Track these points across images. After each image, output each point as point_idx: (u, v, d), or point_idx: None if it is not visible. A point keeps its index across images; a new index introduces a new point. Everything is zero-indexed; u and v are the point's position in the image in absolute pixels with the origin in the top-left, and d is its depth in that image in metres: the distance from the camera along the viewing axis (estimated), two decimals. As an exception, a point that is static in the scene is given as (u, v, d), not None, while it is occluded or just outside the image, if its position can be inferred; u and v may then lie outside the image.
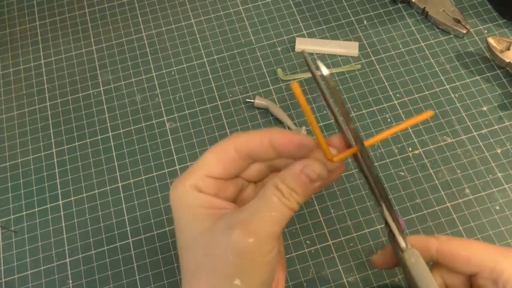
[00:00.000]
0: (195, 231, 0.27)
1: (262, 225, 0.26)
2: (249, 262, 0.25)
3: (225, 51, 0.47)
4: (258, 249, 0.26)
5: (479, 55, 0.45)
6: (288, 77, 0.45)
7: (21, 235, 0.40)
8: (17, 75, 0.47)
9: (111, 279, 0.38)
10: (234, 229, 0.25)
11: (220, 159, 0.27)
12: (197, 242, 0.26)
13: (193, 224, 0.27)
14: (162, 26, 0.49)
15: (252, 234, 0.25)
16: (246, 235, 0.25)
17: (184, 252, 0.27)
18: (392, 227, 0.27)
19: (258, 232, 0.25)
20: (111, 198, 0.41)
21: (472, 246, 0.27)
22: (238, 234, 0.25)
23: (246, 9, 0.50)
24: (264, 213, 0.26)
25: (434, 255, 0.27)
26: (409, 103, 0.43)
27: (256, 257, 0.26)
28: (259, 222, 0.26)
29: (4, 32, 0.50)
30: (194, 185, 0.27)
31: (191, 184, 0.27)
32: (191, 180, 0.27)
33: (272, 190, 0.26)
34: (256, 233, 0.25)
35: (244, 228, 0.25)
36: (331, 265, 0.37)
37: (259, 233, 0.25)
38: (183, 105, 0.45)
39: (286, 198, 0.26)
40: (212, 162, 0.27)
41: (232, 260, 0.25)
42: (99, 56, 0.48)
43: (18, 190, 0.42)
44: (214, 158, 0.27)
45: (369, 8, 0.49)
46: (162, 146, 0.43)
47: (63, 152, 0.43)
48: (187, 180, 0.27)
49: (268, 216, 0.26)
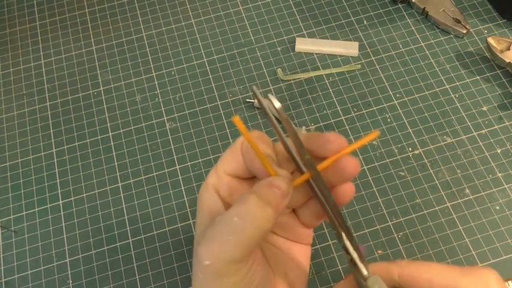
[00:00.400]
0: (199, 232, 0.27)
1: (221, 249, 0.25)
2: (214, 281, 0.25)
3: (225, 51, 0.47)
4: (218, 271, 0.25)
5: (479, 55, 0.45)
6: (288, 77, 0.45)
7: (21, 235, 0.40)
8: (17, 75, 0.47)
9: (111, 279, 0.38)
10: (198, 247, 0.25)
11: (234, 154, 0.28)
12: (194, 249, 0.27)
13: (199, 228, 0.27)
14: (162, 26, 0.49)
15: (210, 256, 0.25)
16: (205, 256, 0.25)
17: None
18: (353, 256, 0.27)
19: (216, 255, 0.25)
20: (111, 198, 0.41)
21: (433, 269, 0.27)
22: (199, 254, 0.25)
23: (246, 9, 0.50)
24: (223, 237, 0.25)
25: (397, 280, 0.27)
26: (409, 103, 0.43)
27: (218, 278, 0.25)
28: (217, 246, 0.25)
29: (4, 32, 0.50)
30: (214, 184, 0.28)
31: (212, 182, 0.28)
32: (213, 178, 0.28)
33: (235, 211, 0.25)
34: (214, 255, 0.25)
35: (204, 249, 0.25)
36: (331, 265, 0.37)
37: (217, 256, 0.25)
38: (183, 105, 0.45)
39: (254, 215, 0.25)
40: (228, 159, 0.28)
41: (201, 278, 0.25)
42: (99, 56, 0.48)
43: (18, 190, 0.42)
44: (230, 157, 0.28)
45: (368, 8, 0.49)
46: (162, 146, 0.43)
47: (63, 152, 0.43)
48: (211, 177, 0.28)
49: (227, 240, 0.25)
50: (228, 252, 0.24)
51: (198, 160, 0.42)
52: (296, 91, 0.45)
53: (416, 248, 0.37)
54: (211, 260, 0.24)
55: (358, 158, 0.41)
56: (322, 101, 0.44)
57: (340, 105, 0.44)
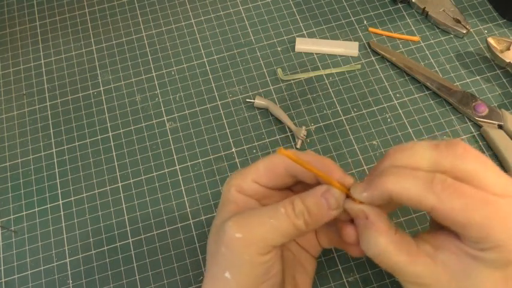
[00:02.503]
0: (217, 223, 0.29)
1: (257, 226, 0.26)
2: (237, 257, 0.26)
3: (225, 51, 0.47)
4: (246, 247, 0.26)
5: (479, 55, 0.45)
6: (288, 77, 0.45)
7: (21, 235, 0.40)
8: (17, 75, 0.47)
9: (111, 279, 0.38)
10: (229, 221, 0.26)
11: (269, 171, 0.29)
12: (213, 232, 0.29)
13: (223, 215, 0.29)
14: (162, 26, 0.49)
15: (241, 230, 0.26)
16: (236, 229, 0.26)
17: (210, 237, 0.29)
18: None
19: (249, 231, 0.26)
20: (111, 198, 0.41)
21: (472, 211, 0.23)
22: (229, 226, 0.26)
23: (246, 9, 0.50)
24: (263, 217, 0.26)
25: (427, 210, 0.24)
26: (409, 103, 0.43)
27: (243, 255, 0.26)
28: (254, 222, 0.26)
29: (4, 32, 0.50)
30: (239, 185, 0.30)
31: (237, 184, 0.30)
32: (238, 181, 0.30)
33: (284, 203, 0.27)
34: (247, 230, 0.26)
35: (236, 222, 0.26)
36: (331, 265, 0.37)
37: (250, 232, 0.26)
38: (183, 105, 0.45)
39: (295, 214, 0.26)
40: (262, 171, 0.30)
41: (223, 252, 0.26)
42: (99, 56, 0.48)
43: (18, 190, 0.42)
44: (264, 169, 0.30)
45: (369, 8, 0.49)
46: (162, 146, 0.43)
47: (63, 152, 0.43)
48: (235, 179, 0.30)
49: (267, 221, 0.26)
50: (264, 233, 0.26)
51: (198, 160, 0.42)
52: (296, 91, 0.45)
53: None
54: (243, 234, 0.26)
55: (358, 158, 0.41)
56: (322, 101, 0.44)
57: (340, 105, 0.44)
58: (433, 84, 0.43)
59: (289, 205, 0.26)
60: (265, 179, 0.29)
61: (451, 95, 0.42)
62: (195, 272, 0.37)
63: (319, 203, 0.26)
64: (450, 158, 0.25)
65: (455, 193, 0.24)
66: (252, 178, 0.30)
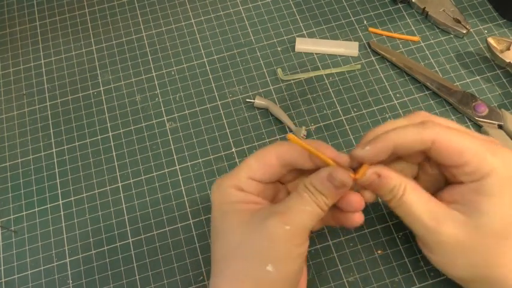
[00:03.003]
0: (234, 221, 0.29)
1: (298, 216, 0.28)
2: (282, 249, 0.27)
3: (225, 51, 0.47)
4: (292, 238, 0.28)
5: (479, 55, 0.45)
6: (288, 77, 0.45)
7: (21, 235, 0.40)
8: (17, 75, 0.47)
9: (111, 279, 0.38)
10: (271, 217, 0.27)
11: (262, 164, 0.30)
12: (234, 230, 0.29)
13: (232, 216, 0.29)
14: (162, 26, 0.49)
15: (288, 222, 0.27)
16: (283, 223, 0.27)
17: (218, 240, 0.29)
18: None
19: (293, 222, 0.28)
20: (111, 198, 0.41)
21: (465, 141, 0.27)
22: (275, 221, 0.27)
23: (246, 9, 0.50)
24: (299, 207, 0.28)
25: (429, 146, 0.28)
26: (409, 103, 0.43)
27: (289, 246, 0.28)
28: (294, 213, 0.28)
29: (4, 32, 0.50)
30: (236, 185, 0.30)
31: (234, 184, 0.30)
32: (234, 181, 0.30)
33: (303, 188, 0.29)
34: (292, 222, 0.27)
35: (280, 217, 0.27)
36: (331, 265, 0.37)
37: (294, 223, 0.28)
38: (183, 105, 0.45)
39: (315, 197, 0.28)
40: (254, 166, 0.30)
41: (267, 246, 0.27)
42: (99, 56, 0.48)
43: (18, 190, 0.42)
44: (256, 162, 0.30)
45: (369, 8, 0.49)
46: (162, 146, 0.43)
47: (63, 152, 0.43)
48: (230, 180, 0.30)
49: (303, 209, 0.28)
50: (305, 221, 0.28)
51: (198, 160, 0.42)
52: (296, 91, 0.45)
53: (417, 247, 0.37)
54: (291, 226, 0.27)
55: (358, 158, 0.41)
56: (322, 101, 0.44)
57: (340, 105, 0.44)
58: (433, 84, 0.43)
59: (307, 190, 0.28)
60: (259, 174, 0.30)
61: (451, 95, 0.42)
62: (195, 272, 0.37)
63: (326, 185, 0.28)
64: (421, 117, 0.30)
65: (447, 127, 0.28)
66: (247, 175, 0.30)
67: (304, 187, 0.29)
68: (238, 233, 0.28)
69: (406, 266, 0.36)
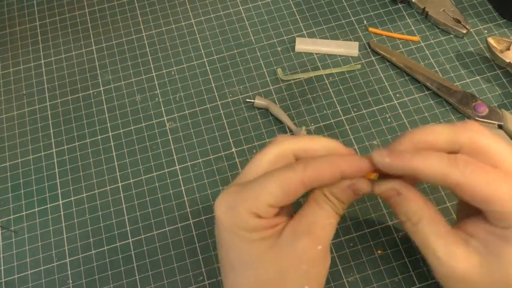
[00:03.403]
0: (261, 249, 0.27)
1: (325, 232, 0.28)
2: (319, 269, 0.27)
3: (225, 51, 0.47)
4: (324, 255, 0.28)
5: (479, 55, 0.45)
6: (288, 77, 0.45)
7: (21, 235, 0.40)
8: (17, 75, 0.47)
9: (111, 279, 0.38)
10: (302, 238, 0.27)
11: (286, 191, 0.27)
12: (264, 259, 0.27)
13: (257, 244, 0.27)
14: (162, 26, 0.49)
15: (319, 241, 0.27)
16: (314, 243, 0.27)
17: (244, 270, 0.27)
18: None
19: (323, 239, 0.27)
20: (111, 198, 0.41)
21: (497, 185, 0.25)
22: (306, 243, 0.27)
23: (246, 9, 0.50)
24: (324, 221, 0.28)
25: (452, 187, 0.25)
26: (409, 103, 0.43)
27: (323, 263, 0.28)
28: (321, 230, 0.28)
29: (4, 32, 0.50)
30: (255, 213, 0.27)
31: (251, 211, 0.27)
32: (252, 207, 0.27)
33: (324, 199, 0.28)
34: (321, 240, 0.27)
35: (310, 237, 0.27)
36: (331, 265, 0.37)
37: (324, 240, 0.27)
38: (183, 105, 0.45)
39: (336, 206, 0.28)
40: (277, 193, 0.27)
41: (305, 269, 0.27)
42: (99, 56, 0.48)
43: (18, 190, 0.42)
44: (279, 190, 0.27)
45: (369, 8, 0.49)
46: (162, 146, 0.43)
47: (63, 152, 0.43)
48: (246, 204, 0.27)
49: (328, 224, 0.28)
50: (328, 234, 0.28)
51: (198, 160, 0.42)
52: (296, 91, 0.45)
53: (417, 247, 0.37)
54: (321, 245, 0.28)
55: (358, 158, 0.41)
56: (322, 101, 0.44)
57: (340, 105, 0.44)
58: (433, 84, 0.43)
59: (328, 201, 0.28)
60: (283, 202, 0.27)
61: (451, 95, 0.42)
62: (195, 272, 0.37)
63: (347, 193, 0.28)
64: (467, 133, 0.27)
65: (478, 169, 0.25)
66: (268, 203, 0.27)
67: (325, 197, 0.28)
68: (268, 261, 0.26)
69: (406, 266, 0.36)
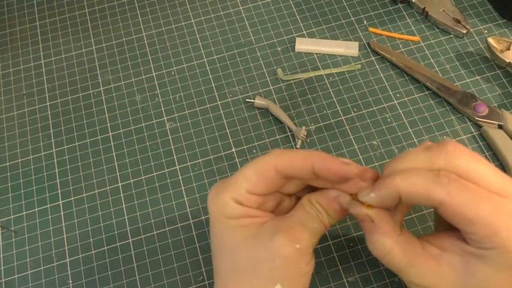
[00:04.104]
0: (237, 237, 0.28)
1: (305, 234, 0.27)
2: (293, 269, 0.27)
3: (225, 51, 0.47)
4: (301, 256, 0.27)
5: (479, 55, 0.45)
6: (288, 77, 0.45)
7: (21, 235, 0.40)
8: (17, 75, 0.47)
9: (111, 279, 0.38)
10: (280, 234, 0.27)
11: (261, 177, 0.28)
12: (240, 246, 0.28)
13: (235, 231, 0.28)
14: (162, 26, 0.49)
15: (297, 240, 0.27)
16: (293, 241, 0.27)
17: (223, 255, 0.28)
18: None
19: (302, 240, 0.27)
20: (111, 198, 0.41)
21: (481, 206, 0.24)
22: (284, 239, 0.27)
23: (246, 9, 0.50)
24: (306, 223, 0.28)
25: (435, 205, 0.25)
26: (409, 103, 0.43)
27: (298, 264, 0.27)
28: (302, 230, 0.27)
29: (4, 32, 0.50)
30: (235, 199, 0.28)
31: (232, 197, 0.28)
32: (232, 194, 0.28)
33: (309, 204, 0.28)
34: (300, 240, 0.27)
35: (289, 235, 0.27)
36: (331, 265, 0.37)
37: (303, 241, 0.27)
38: (183, 105, 0.45)
39: (321, 214, 0.28)
40: (253, 179, 0.28)
41: (278, 264, 0.27)
42: (99, 56, 0.48)
43: (18, 190, 0.42)
44: (255, 176, 0.28)
45: (369, 8, 0.49)
46: (162, 146, 0.43)
47: (63, 152, 0.43)
48: (228, 192, 0.28)
49: (311, 227, 0.28)
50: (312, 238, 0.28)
51: (198, 160, 0.42)
52: (296, 91, 0.45)
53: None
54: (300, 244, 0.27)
55: (358, 158, 0.41)
56: (322, 101, 0.44)
57: (340, 105, 0.44)
58: (433, 84, 0.43)
59: (313, 207, 0.28)
60: (259, 188, 0.28)
61: (451, 95, 0.42)
62: (195, 272, 0.37)
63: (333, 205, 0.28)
64: (443, 155, 0.26)
65: (461, 186, 0.24)
66: (246, 190, 0.28)
67: (310, 203, 0.28)
68: (244, 249, 0.27)
69: (406, 266, 0.36)
